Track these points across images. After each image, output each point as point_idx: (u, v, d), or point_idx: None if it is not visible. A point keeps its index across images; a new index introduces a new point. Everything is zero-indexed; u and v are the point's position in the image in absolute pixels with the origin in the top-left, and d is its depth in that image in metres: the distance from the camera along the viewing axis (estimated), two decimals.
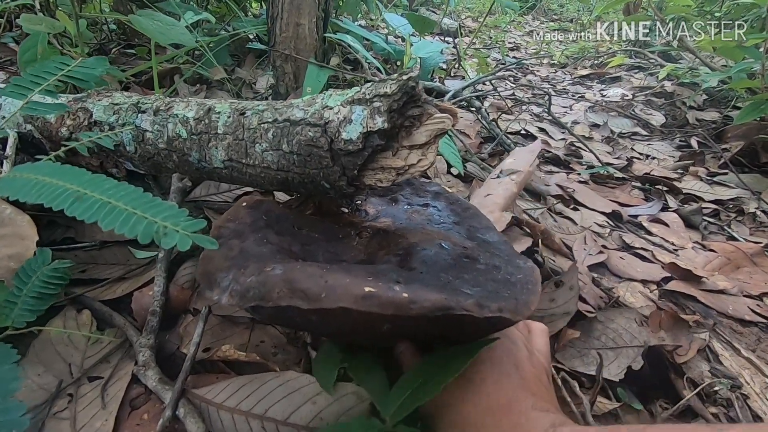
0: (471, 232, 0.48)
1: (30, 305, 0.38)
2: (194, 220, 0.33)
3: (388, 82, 0.41)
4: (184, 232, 0.32)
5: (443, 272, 0.37)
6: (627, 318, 0.54)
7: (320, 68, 0.86)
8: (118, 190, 0.34)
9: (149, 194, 0.35)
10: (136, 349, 0.43)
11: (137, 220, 0.32)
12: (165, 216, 0.33)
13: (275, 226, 0.44)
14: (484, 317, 0.29)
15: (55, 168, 0.36)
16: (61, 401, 0.38)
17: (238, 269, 0.33)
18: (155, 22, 0.67)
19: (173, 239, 0.31)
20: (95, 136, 0.43)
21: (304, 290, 0.29)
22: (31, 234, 0.46)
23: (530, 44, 3.65)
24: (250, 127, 0.48)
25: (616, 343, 0.51)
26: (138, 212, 0.33)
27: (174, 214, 0.33)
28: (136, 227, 0.32)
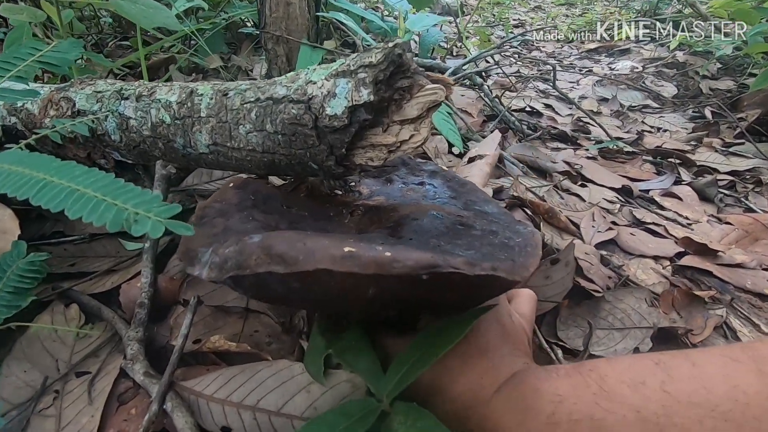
0: (468, 204, 0.46)
1: (6, 301, 0.37)
2: (168, 205, 0.31)
3: (373, 51, 0.38)
4: (157, 218, 0.30)
5: (434, 238, 0.35)
6: (637, 298, 0.51)
7: (313, 49, 0.82)
8: (88, 177, 0.32)
9: (121, 180, 0.33)
10: (125, 343, 0.42)
11: (106, 207, 0.30)
12: (136, 202, 0.31)
13: (262, 206, 0.42)
14: (475, 275, 0.27)
15: (22, 156, 0.34)
16: (47, 398, 0.37)
17: (218, 244, 0.32)
18: (138, 6, 0.64)
19: (145, 226, 0.29)
20: (69, 122, 0.41)
21: (281, 254, 0.27)
22: (13, 228, 0.44)
23: (535, 20, 3.54)
24: (233, 108, 0.46)
25: (623, 324, 0.48)
26: (108, 199, 0.31)
27: (146, 201, 0.31)
28: (105, 215, 0.30)
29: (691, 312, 0.54)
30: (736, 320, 0.54)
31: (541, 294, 0.49)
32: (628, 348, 0.46)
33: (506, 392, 0.29)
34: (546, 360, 0.45)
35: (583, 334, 0.48)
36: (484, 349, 0.33)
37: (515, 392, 0.29)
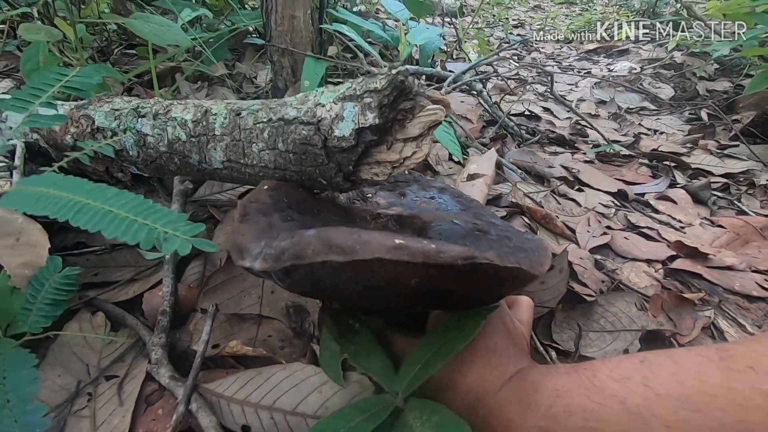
0: (477, 216, 0.49)
1: (45, 312, 0.40)
2: (193, 224, 0.34)
3: (377, 77, 0.41)
4: (184, 237, 0.33)
5: (459, 240, 0.38)
6: (627, 302, 0.54)
7: (317, 60, 0.85)
8: (119, 199, 0.35)
9: (149, 201, 0.36)
10: (149, 348, 0.45)
11: (138, 228, 0.33)
12: (165, 222, 0.34)
13: (296, 207, 0.45)
14: (504, 266, 0.31)
15: (58, 179, 0.37)
16: (81, 400, 0.40)
17: (269, 238, 0.34)
18: (151, 25, 0.67)
19: (174, 244, 0.33)
20: (95, 145, 0.44)
21: (339, 245, 0.29)
22: (43, 242, 0.47)
23: (535, 20, 3.56)
24: (246, 127, 0.49)
25: (614, 327, 0.51)
26: (139, 219, 0.34)
27: (173, 220, 0.34)
28: (138, 234, 0.33)
29: (681, 314, 0.57)
30: (724, 321, 0.57)
31: (536, 299, 0.52)
32: (618, 349, 0.49)
33: (511, 387, 0.32)
34: (541, 361, 0.48)
35: (576, 336, 0.51)
36: (492, 348, 0.36)
37: (519, 387, 0.32)
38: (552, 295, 0.52)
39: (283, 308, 0.53)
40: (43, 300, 0.40)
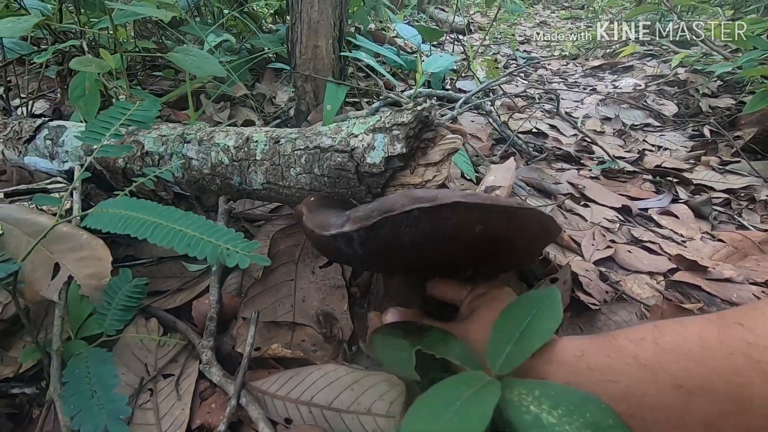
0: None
1: (118, 316, 0.46)
2: (249, 242, 0.40)
3: (404, 113, 0.47)
4: (243, 253, 0.39)
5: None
6: (629, 311, 0.59)
7: (338, 86, 0.92)
8: (186, 219, 0.41)
9: (210, 221, 0.42)
10: (199, 350, 0.50)
11: (205, 245, 0.39)
12: (226, 239, 0.40)
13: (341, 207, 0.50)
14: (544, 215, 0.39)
15: (131, 202, 0.43)
16: (144, 395, 0.46)
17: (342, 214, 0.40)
18: (191, 57, 0.74)
19: (235, 259, 0.38)
20: (158, 171, 0.50)
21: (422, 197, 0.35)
22: (106, 255, 0.53)
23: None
24: (285, 153, 0.55)
25: None
26: (204, 237, 0.40)
27: (232, 238, 0.40)
28: (205, 250, 0.39)
29: None
30: None
31: None
32: None
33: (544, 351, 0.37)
34: None
35: None
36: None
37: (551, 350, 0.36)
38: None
39: (313, 315, 0.59)
40: (116, 306, 0.46)
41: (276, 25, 1.85)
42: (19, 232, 0.56)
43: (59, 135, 0.71)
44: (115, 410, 0.36)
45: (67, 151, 0.70)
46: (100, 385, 0.38)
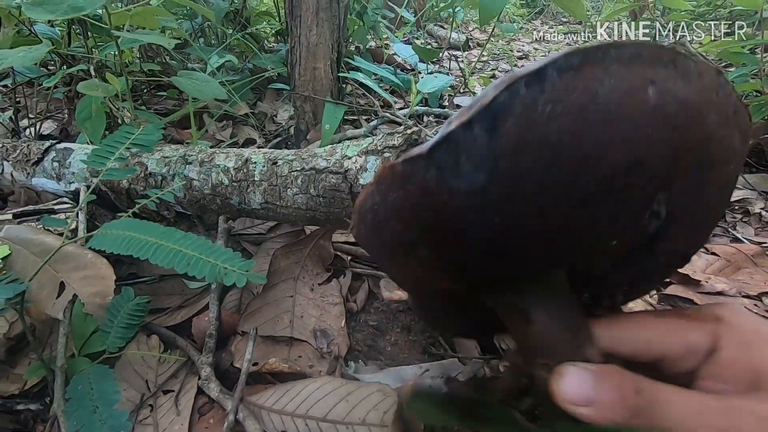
0: None
1: (120, 334, 0.47)
2: (246, 261, 0.42)
3: (395, 135, 0.49)
4: (240, 272, 0.41)
5: None
6: None
7: (336, 105, 0.95)
8: (186, 240, 0.43)
9: (209, 242, 0.44)
10: (198, 366, 0.52)
11: (203, 264, 0.41)
12: (224, 259, 0.42)
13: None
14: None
15: (134, 224, 0.45)
16: (144, 411, 0.47)
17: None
18: (193, 81, 0.77)
19: (232, 278, 0.40)
20: (160, 193, 0.52)
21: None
22: (110, 274, 0.55)
23: (539, 52, 3.70)
24: (282, 174, 0.57)
25: None
26: (203, 257, 0.42)
27: (230, 258, 0.42)
28: (203, 269, 0.40)
29: None
30: None
31: None
32: None
33: None
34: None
35: None
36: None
37: None
38: None
39: (311, 332, 0.60)
40: (119, 324, 0.48)
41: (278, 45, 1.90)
42: (27, 252, 0.58)
43: (66, 157, 0.74)
44: (116, 426, 0.38)
45: (73, 172, 0.73)
46: (102, 401, 0.39)
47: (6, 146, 0.79)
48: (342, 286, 0.67)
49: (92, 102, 0.91)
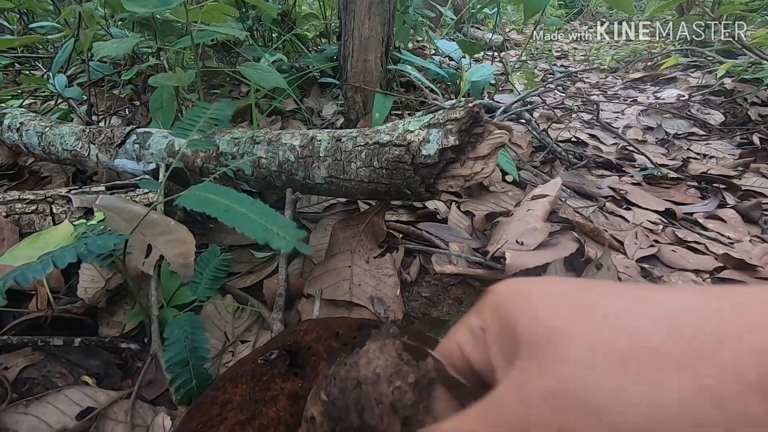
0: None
1: (209, 285, 0.53)
2: (299, 231, 0.46)
3: (457, 109, 0.52)
4: (290, 240, 0.45)
5: None
6: None
7: (385, 96, 0.99)
8: (253, 206, 0.48)
9: (273, 211, 0.48)
10: (269, 322, 0.57)
11: (260, 227, 0.45)
12: (279, 226, 0.46)
13: None
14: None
15: (214, 188, 0.51)
16: (226, 355, 0.52)
17: None
18: (258, 71, 0.83)
19: (280, 243, 0.44)
20: (239, 162, 0.58)
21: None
22: (190, 239, 0.61)
23: (578, 51, 3.64)
24: (346, 150, 0.61)
25: None
26: (263, 222, 0.46)
27: (286, 226, 0.46)
28: (259, 232, 0.45)
29: None
30: None
31: None
32: None
33: None
34: None
35: None
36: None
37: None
38: None
39: (368, 299, 0.64)
40: (207, 276, 0.53)
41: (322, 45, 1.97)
42: (118, 217, 0.65)
43: (146, 140, 0.81)
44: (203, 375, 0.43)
45: (152, 153, 0.80)
46: (193, 345, 0.45)
47: (92, 131, 0.88)
48: (395, 260, 0.71)
49: (163, 93, 0.99)
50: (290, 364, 0.40)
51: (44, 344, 0.48)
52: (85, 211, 0.67)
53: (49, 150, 0.94)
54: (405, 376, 0.26)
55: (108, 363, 0.50)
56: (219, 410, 0.37)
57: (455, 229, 0.80)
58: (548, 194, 0.83)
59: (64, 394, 0.46)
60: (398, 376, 0.26)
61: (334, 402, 0.26)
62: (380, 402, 0.25)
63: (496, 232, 0.76)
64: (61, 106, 1.38)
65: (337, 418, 0.25)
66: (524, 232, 0.71)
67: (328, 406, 0.26)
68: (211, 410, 0.37)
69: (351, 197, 0.67)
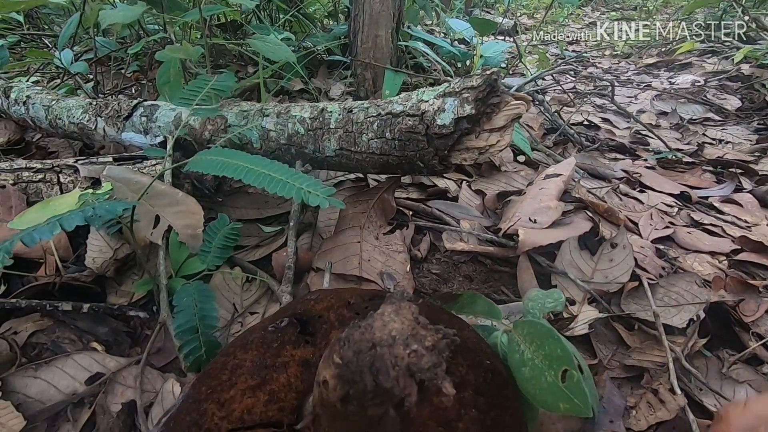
0: None
1: (218, 254, 0.52)
2: (328, 187, 0.45)
3: (474, 77, 0.51)
4: (323, 196, 0.44)
5: None
6: (687, 281, 0.59)
7: (396, 73, 0.97)
8: (273, 166, 0.47)
9: (293, 169, 0.47)
10: (278, 295, 0.56)
11: (290, 187, 0.44)
12: (308, 184, 0.45)
13: None
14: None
15: (224, 151, 0.50)
16: (235, 326, 0.52)
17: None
18: (267, 44, 0.82)
19: (316, 200, 0.43)
20: (244, 129, 0.57)
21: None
22: (199, 210, 0.60)
23: (591, 37, 3.56)
24: (358, 121, 0.60)
25: (677, 302, 0.57)
26: (290, 181, 0.45)
27: (313, 183, 0.45)
28: (290, 191, 0.44)
29: (744, 298, 0.61)
30: None
31: (610, 275, 0.58)
32: (684, 319, 0.54)
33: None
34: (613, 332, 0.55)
35: (641, 309, 0.57)
36: None
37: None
38: (623, 270, 0.58)
39: (378, 274, 0.63)
40: (216, 245, 0.53)
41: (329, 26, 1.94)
42: (125, 188, 0.64)
43: (153, 112, 0.80)
44: (212, 343, 0.42)
45: (159, 126, 0.79)
46: (202, 314, 0.44)
47: (99, 104, 0.87)
48: (405, 237, 0.70)
49: (170, 67, 0.97)
50: (301, 332, 0.39)
51: (53, 309, 0.48)
52: (92, 181, 0.66)
53: (55, 124, 0.93)
54: (422, 339, 0.26)
55: (117, 330, 0.50)
56: (229, 375, 0.36)
57: (466, 207, 0.79)
58: (562, 174, 0.81)
59: (73, 360, 0.45)
60: (415, 339, 0.26)
61: (348, 364, 0.25)
62: (396, 365, 0.25)
63: (507, 210, 0.75)
64: (68, 82, 1.37)
65: (351, 381, 0.25)
66: (537, 210, 0.70)
67: (342, 368, 0.25)
68: (221, 375, 0.37)
69: (362, 171, 0.65)
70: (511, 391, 0.36)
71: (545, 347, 0.35)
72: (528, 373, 0.35)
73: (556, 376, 0.32)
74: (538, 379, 0.34)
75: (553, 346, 0.34)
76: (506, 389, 0.36)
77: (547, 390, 0.33)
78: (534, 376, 0.34)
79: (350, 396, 0.26)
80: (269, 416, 0.33)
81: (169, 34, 0.98)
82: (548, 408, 0.33)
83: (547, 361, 0.34)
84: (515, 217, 0.69)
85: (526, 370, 0.35)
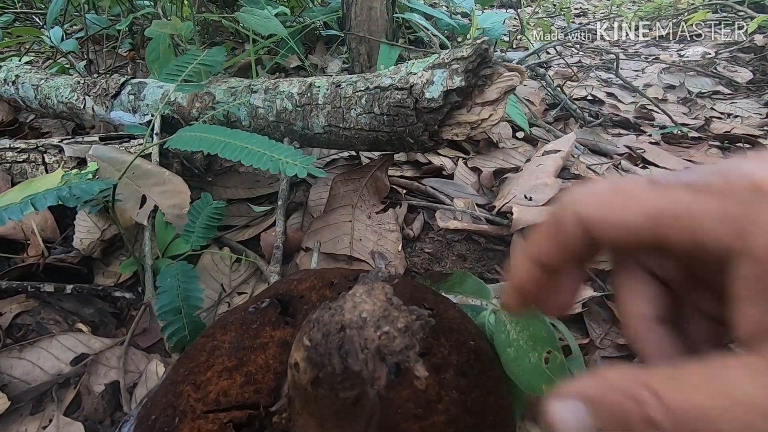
0: None
1: (202, 233, 0.51)
2: (307, 156, 0.44)
3: (464, 47, 0.48)
4: (302, 165, 0.42)
5: None
6: None
7: (391, 47, 0.94)
8: (251, 139, 0.45)
9: (273, 141, 0.46)
10: (267, 275, 0.55)
11: (267, 158, 0.43)
12: (286, 155, 0.44)
13: None
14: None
15: (205, 127, 0.48)
16: (222, 306, 0.51)
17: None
18: (255, 17, 0.79)
19: (294, 170, 0.42)
20: (230, 105, 0.55)
21: None
22: (185, 189, 0.59)
23: (599, 8, 3.44)
24: (346, 96, 0.58)
25: None
26: (267, 152, 0.44)
27: (292, 153, 0.44)
28: (268, 163, 0.43)
29: None
30: None
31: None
32: None
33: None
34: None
35: None
36: None
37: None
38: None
39: (369, 254, 0.62)
40: (200, 225, 0.52)
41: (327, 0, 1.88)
42: (111, 168, 0.63)
43: (141, 90, 0.78)
44: (195, 324, 0.41)
45: (147, 104, 0.77)
46: (186, 294, 0.43)
47: (87, 82, 0.85)
48: (398, 216, 0.68)
49: (160, 43, 0.95)
50: (282, 313, 0.38)
51: (35, 290, 0.47)
52: (78, 161, 0.65)
53: (45, 103, 0.91)
54: (394, 320, 0.25)
55: (102, 311, 0.50)
56: (207, 357, 0.36)
57: (461, 185, 0.77)
58: (561, 150, 0.79)
59: (58, 340, 0.45)
60: (386, 320, 0.25)
61: (317, 347, 0.24)
62: (365, 347, 0.24)
63: (504, 187, 0.73)
64: (60, 61, 1.34)
65: (320, 364, 0.24)
66: (533, 187, 0.68)
67: (311, 351, 0.25)
68: (199, 357, 0.36)
69: (351, 148, 0.64)
70: (495, 372, 0.35)
71: (530, 328, 0.34)
72: (513, 354, 0.34)
73: (540, 357, 0.32)
74: (522, 360, 0.33)
75: (538, 327, 0.33)
76: (490, 370, 0.35)
77: (530, 371, 0.32)
78: (518, 357, 0.33)
79: (320, 379, 0.25)
80: (245, 398, 0.32)
81: (157, 9, 0.95)
82: (531, 389, 0.32)
83: (532, 341, 0.33)
84: (510, 195, 0.67)
85: (511, 350, 0.34)
